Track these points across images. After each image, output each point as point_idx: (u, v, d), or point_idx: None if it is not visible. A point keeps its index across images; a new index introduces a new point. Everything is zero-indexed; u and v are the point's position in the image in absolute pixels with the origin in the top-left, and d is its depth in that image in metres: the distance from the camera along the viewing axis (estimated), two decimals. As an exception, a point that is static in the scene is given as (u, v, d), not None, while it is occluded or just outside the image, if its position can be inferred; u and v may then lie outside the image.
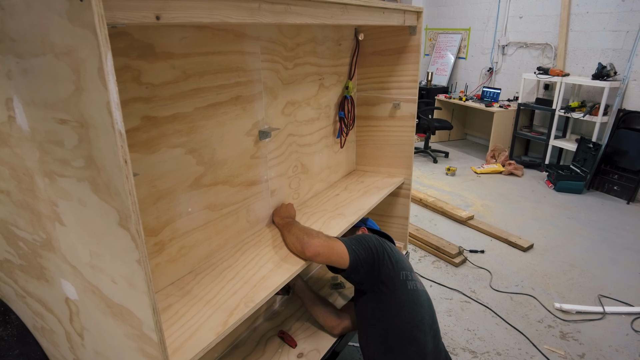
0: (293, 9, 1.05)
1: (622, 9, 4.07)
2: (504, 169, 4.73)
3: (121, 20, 0.68)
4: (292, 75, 1.62)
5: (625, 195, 3.99)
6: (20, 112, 0.85)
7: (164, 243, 1.22)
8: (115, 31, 0.96)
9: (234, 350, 1.59)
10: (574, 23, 4.49)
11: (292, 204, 1.67)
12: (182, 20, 0.78)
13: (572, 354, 2.11)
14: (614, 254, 3.05)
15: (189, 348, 1.00)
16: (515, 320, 2.35)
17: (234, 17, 0.89)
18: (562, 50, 4.61)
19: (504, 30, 5.23)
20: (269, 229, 1.62)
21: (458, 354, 2.11)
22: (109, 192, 0.75)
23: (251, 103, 1.44)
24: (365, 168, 2.27)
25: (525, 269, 2.87)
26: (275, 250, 1.45)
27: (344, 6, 1.25)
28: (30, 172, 0.92)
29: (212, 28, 1.22)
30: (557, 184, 4.22)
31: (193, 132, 1.24)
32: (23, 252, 1.12)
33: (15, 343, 1.27)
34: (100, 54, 0.63)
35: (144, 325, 0.85)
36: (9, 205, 1.06)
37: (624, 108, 4.09)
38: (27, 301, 1.24)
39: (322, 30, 1.74)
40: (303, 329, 1.69)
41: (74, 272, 0.97)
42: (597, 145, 4.17)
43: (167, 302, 1.18)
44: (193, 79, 1.20)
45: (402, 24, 1.69)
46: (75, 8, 0.63)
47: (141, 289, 0.80)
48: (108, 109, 0.67)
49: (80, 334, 1.10)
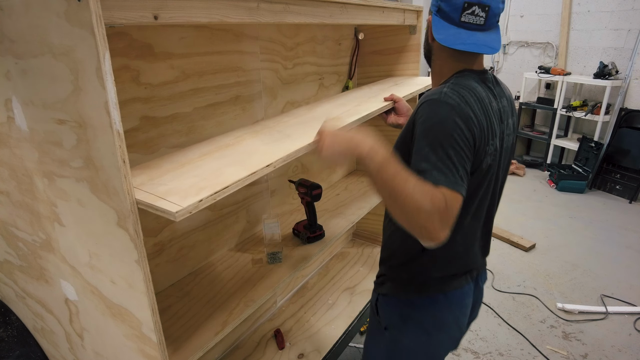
0: (292, 8, 1.05)
1: (623, 7, 4.06)
2: (505, 168, 4.72)
3: (119, 20, 0.68)
4: (291, 74, 1.62)
5: (627, 195, 3.97)
6: (19, 112, 0.85)
7: (164, 243, 1.22)
8: (114, 31, 0.96)
9: (234, 351, 1.58)
10: (575, 22, 4.48)
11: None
12: (181, 20, 0.78)
13: (575, 354, 2.10)
14: (616, 254, 3.03)
15: (189, 348, 1.00)
16: (518, 321, 2.34)
17: (233, 17, 0.89)
18: (563, 49, 4.59)
19: (504, 30, 5.21)
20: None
21: (460, 355, 2.10)
22: (107, 193, 0.75)
23: (250, 103, 1.43)
24: (366, 168, 2.27)
25: (527, 269, 2.86)
26: (275, 251, 1.44)
27: (343, 5, 1.25)
28: (30, 173, 0.92)
29: (210, 28, 1.22)
30: (559, 183, 4.21)
31: (192, 132, 1.24)
32: (23, 252, 1.12)
33: (16, 344, 1.27)
34: (98, 54, 0.63)
35: (144, 325, 0.84)
36: (8, 206, 1.06)
37: (625, 107, 4.08)
38: (27, 302, 1.24)
39: (322, 29, 1.74)
40: (303, 329, 1.69)
41: (74, 273, 0.97)
42: (599, 144, 4.16)
43: (166, 303, 1.18)
44: (192, 79, 1.20)
45: (402, 23, 1.69)
46: (73, 8, 0.63)
47: (140, 289, 0.79)
48: (106, 109, 0.67)
49: (80, 335, 1.10)
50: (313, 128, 1.20)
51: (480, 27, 0.99)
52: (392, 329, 1.17)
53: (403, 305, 1.14)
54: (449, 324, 1.13)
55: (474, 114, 0.93)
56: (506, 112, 1.07)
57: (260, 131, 1.20)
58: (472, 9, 0.96)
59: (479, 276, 1.19)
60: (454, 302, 1.11)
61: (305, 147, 1.03)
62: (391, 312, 1.17)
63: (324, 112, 1.40)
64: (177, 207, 0.73)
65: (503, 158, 1.07)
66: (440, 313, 1.11)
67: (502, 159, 1.07)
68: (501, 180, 1.12)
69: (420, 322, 1.12)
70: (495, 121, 0.99)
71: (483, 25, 0.99)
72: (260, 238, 1.54)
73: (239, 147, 1.07)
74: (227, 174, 0.87)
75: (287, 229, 1.57)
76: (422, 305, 1.12)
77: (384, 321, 1.18)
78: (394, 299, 1.16)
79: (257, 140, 1.12)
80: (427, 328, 1.12)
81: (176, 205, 0.74)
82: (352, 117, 1.28)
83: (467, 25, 0.98)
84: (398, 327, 1.15)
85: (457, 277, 1.10)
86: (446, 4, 0.99)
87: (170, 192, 0.79)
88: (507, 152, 1.09)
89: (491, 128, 0.97)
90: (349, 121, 1.23)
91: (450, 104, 0.91)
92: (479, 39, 0.99)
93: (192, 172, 0.90)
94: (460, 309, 1.13)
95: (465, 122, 0.90)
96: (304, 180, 1.49)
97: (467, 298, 1.14)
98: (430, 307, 1.11)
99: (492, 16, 0.99)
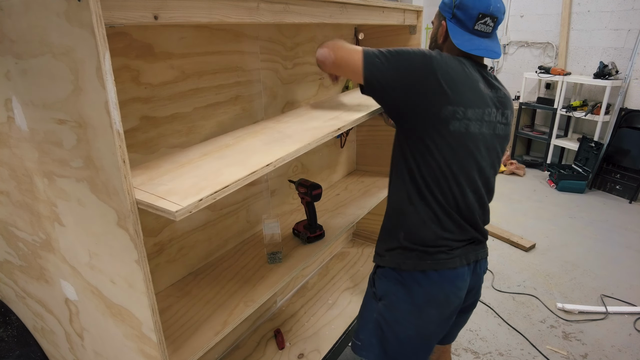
0: (292, 8, 1.05)
1: (623, 7, 4.06)
2: (505, 168, 4.72)
3: (119, 20, 0.68)
4: (291, 74, 1.62)
5: (627, 195, 3.97)
6: (19, 112, 0.85)
7: (164, 243, 1.22)
8: (114, 31, 0.96)
9: (234, 351, 1.58)
10: (575, 22, 4.48)
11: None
12: (181, 20, 0.78)
13: (575, 354, 2.10)
14: (616, 254, 3.03)
15: (189, 348, 1.00)
16: (518, 321, 2.35)
17: (233, 17, 0.89)
18: (563, 49, 4.59)
19: (505, 29, 5.21)
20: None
21: (460, 355, 2.10)
22: (107, 192, 0.75)
23: (250, 103, 1.44)
24: (366, 168, 2.27)
25: (527, 269, 2.86)
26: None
27: (343, 5, 1.25)
28: (30, 173, 0.92)
29: (210, 28, 1.22)
30: (559, 183, 4.21)
31: (192, 132, 1.24)
32: (23, 252, 1.12)
33: (16, 344, 1.27)
34: (99, 54, 0.63)
35: (144, 325, 0.85)
36: (8, 206, 1.06)
37: (625, 107, 4.08)
38: (27, 302, 1.24)
39: (322, 29, 1.74)
40: (303, 329, 1.69)
41: (74, 273, 0.97)
42: (599, 144, 4.16)
43: (166, 303, 1.18)
44: (192, 79, 1.20)
45: (401, 23, 1.69)
46: (73, 8, 0.63)
47: (140, 289, 0.80)
48: (106, 109, 0.67)
49: (80, 335, 1.10)
50: (313, 127, 1.21)
51: (487, 35, 1.17)
52: (385, 300, 1.24)
53: (397, 278, 1.21)
54: (440, 300, 1.18)
55: (447, 68, 1.09)
56: (503, 103, 1.19)
57: (260, 131, 1.21)
58: (485, 19, 1.14)
59: (478, 263, 1.24)
60: (446, 281, 1.17)
61: (305, 147, 1.04)
62: (386, 284, 1.24)
63: (324, 112, 1.40)
64: (177, 206, 0.73)
65: (490, 141, 1.17)
66: (431, 289, 1.17)
67: (489, 142, 1.17)
68: (487, 171, 1.19)
69: (411, 296, 1.19)
70: (476, 98, 1.12)
71: (489, 33, 1.17)
72: (260, 238, 1.54)
73: (239, 147, 1.07)
74: (227, 174, 0.87)
75: (287, 229, 1.57)
76: (415, 279, 1.18)
77: (379, 292, 1.27)
78: (389, 271, 1.24)
79: (257, 140, 1.12)
80: (418, 302, 1.19)
81: (176, 205, 0.74)
82: (352, 116, 1.28)
83: (479, 33, 1.16)
84: (390, 299, 1.23)
85: (449, 257, 1.17)
86: (462, 12, 1.14)
87: (171, 192, 0.79)
88: (501, 140, 1.21)
89: (466, 97, 1.10)
90: (350, 120, 1.23)
91: (430, 53, 1.12)
92: (487, 45, 1.17)
93: (192, 172, 0.90)
94: (452, 288, 1.18)
95: (430, 61, 1.08)
96: (304, 180, 1.49)
97: (461, 280, 1.19)
98: (423, 282, 1.17)
99: (496, 26, 1.17)
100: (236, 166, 0.92)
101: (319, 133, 1.13)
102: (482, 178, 1.18)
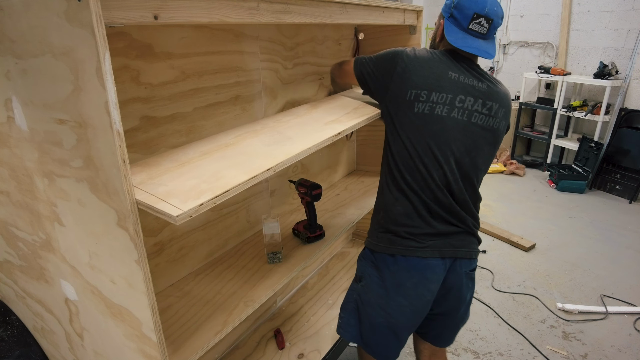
0: (292, 8, 1.05)
1: (623, 7, 4.06)
2: (505, 168, 4.72)
3: (119, 20, 0.68)
4: (291, 74, 1.62)
5: (627, 195, 3.97)
6: (19, 112, 0.85)
7: (164, 243, 1.22)
8: (114, 31, 0.96)
9: (234, 351, 1.58)
10: (575, 22, 4.48)
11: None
12: (181, 20, 0.78)
13: (575, 354, 2.10)
14: (616, 254, 3.03)
15: (189, 348, 1.00)
16: (518, 321, 2.34)
17: (233, 17, 0.89)
18: (563, 49, 4.59)
19: (504, 29, 5.21)
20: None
21: (460, 355, 2.10)
22: (107, 192, 0.75)
23: (250, 103, 1.44)
24: (366, 168, 2.27)
25: (527, 269, 2.86)
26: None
27: (343, 5, 1.25)
28: (30, 173, 0.92)
29: (211, 28, 1.22)
30: (559, 183, 4.21)
31: (192, 132, 1.24)
32: (23, 252, 1.12)
33: (16, 344, 1.27)
34: (99, 54, 0.63)
35: (144, 325, 0.85)
36: (8, 206, 1.06)
37: (625, 107, 4.08)
38: (27, 302, 1.24)
39: (322, 29, 1.74)
40: (303, 329, 1.69)
41: (74, 273, 0.97)
42: (599, 144, 4.16)
43: (166, 303, 1.18)
44: (192, 78, 1.20)
45: (402, 23, 1.69)
46: (73, 8, 0.63)
47: (140, 289, 0.80)
48: (106, 109, 0.67)
49: (80, 335, 1.10)
50: (313, 129, 1.21)
51: (483, 35, 1.23)
52: (362, 281, 1.31)
53: (372, 260, 1.28)
54: (407, 288, 1.22)
55: (413, 57, 1.22)
56: (488, 95, 1.23)
57: (261, 130, 1.20)
58: (480, 20, 1.20)
59: (458, 262, 1.25)
60: (414, 269, 1.21)
61: (305, 151, 1.03)
62: (364, 264, 1.31)
63: (323, 112, 1.40)
64: (178, 210, 0.73)
65: (465, 127, 1.21)
66: (399, 274, 1.22)
67: (464, 128, 1.21)
68: (460, 154, 1.21)
69: (382, 279, 1.25)
70: (445, 84, 1.20)
71: (485, 34, 1.23)
72: (260, 238, 1.54)
73: (239, 147, 1.07)
74: (227, 177, 0.87)
75: (287, 229, 1.57)
76: (385, 263, 1.24)
77: (358, 272, 1.35)
78: (367, 252, 1.31)
79: (257, 141, 1.11)
80: (386, 285, 1.24)
81: (177, 209, 0.73)
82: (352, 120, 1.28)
83: (473, 33, 1.22)
84: (366, 281, 1.29)
85: (420, 245, 1.20)
86: (459, 12, 1.22)
87: (171, 194, 0.79)
88: (484, 131, 1.23)
89: (430, 81, 1.19)
90: (350, 124, 1.23)
91: (402, 48, 1.28)
92: (480, 45, 1.23)
93: (192, 173, 0.90)
94: (420, 278, 1.21)
95: (399, 52, 1.25)
96: (304, 180, 1.49)
97: (430, 272, 1.21)
98: (391, 266, 1.23)
99: (492, 28, 1.23)
100: (236, 169, 0.92)
101: (319, 137, 1.13)
102: (454, 161, 1.21)
